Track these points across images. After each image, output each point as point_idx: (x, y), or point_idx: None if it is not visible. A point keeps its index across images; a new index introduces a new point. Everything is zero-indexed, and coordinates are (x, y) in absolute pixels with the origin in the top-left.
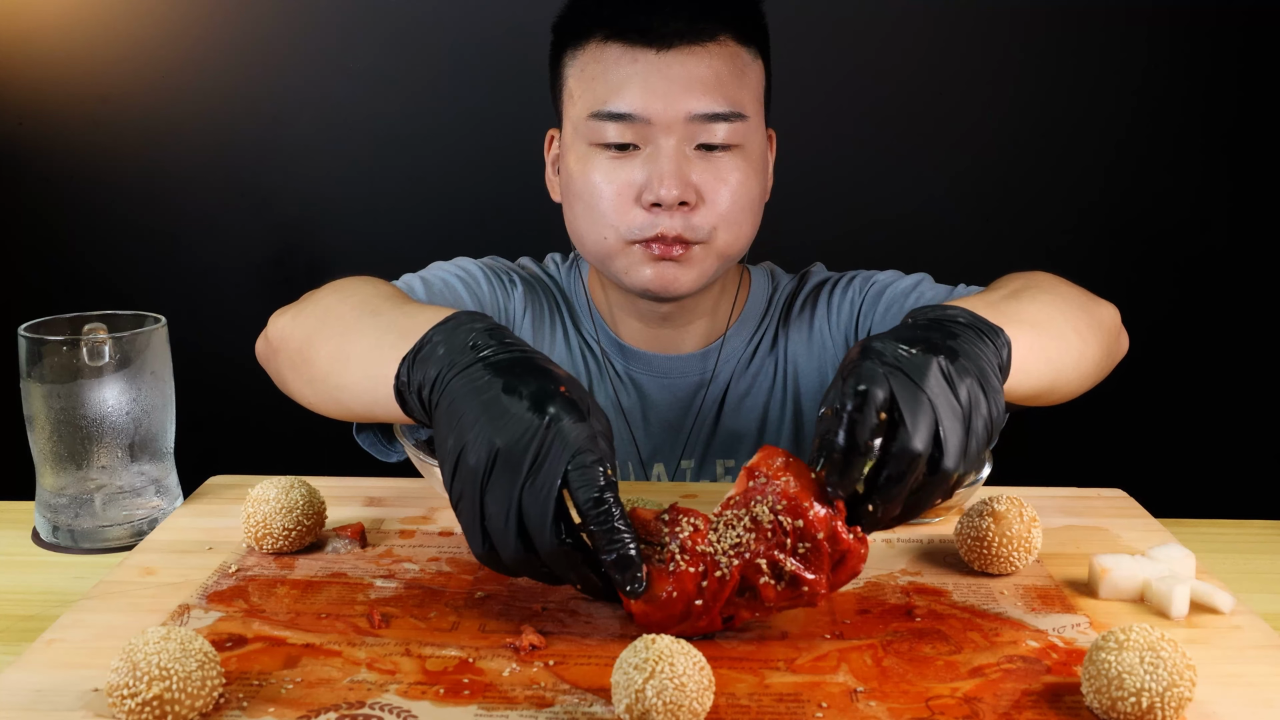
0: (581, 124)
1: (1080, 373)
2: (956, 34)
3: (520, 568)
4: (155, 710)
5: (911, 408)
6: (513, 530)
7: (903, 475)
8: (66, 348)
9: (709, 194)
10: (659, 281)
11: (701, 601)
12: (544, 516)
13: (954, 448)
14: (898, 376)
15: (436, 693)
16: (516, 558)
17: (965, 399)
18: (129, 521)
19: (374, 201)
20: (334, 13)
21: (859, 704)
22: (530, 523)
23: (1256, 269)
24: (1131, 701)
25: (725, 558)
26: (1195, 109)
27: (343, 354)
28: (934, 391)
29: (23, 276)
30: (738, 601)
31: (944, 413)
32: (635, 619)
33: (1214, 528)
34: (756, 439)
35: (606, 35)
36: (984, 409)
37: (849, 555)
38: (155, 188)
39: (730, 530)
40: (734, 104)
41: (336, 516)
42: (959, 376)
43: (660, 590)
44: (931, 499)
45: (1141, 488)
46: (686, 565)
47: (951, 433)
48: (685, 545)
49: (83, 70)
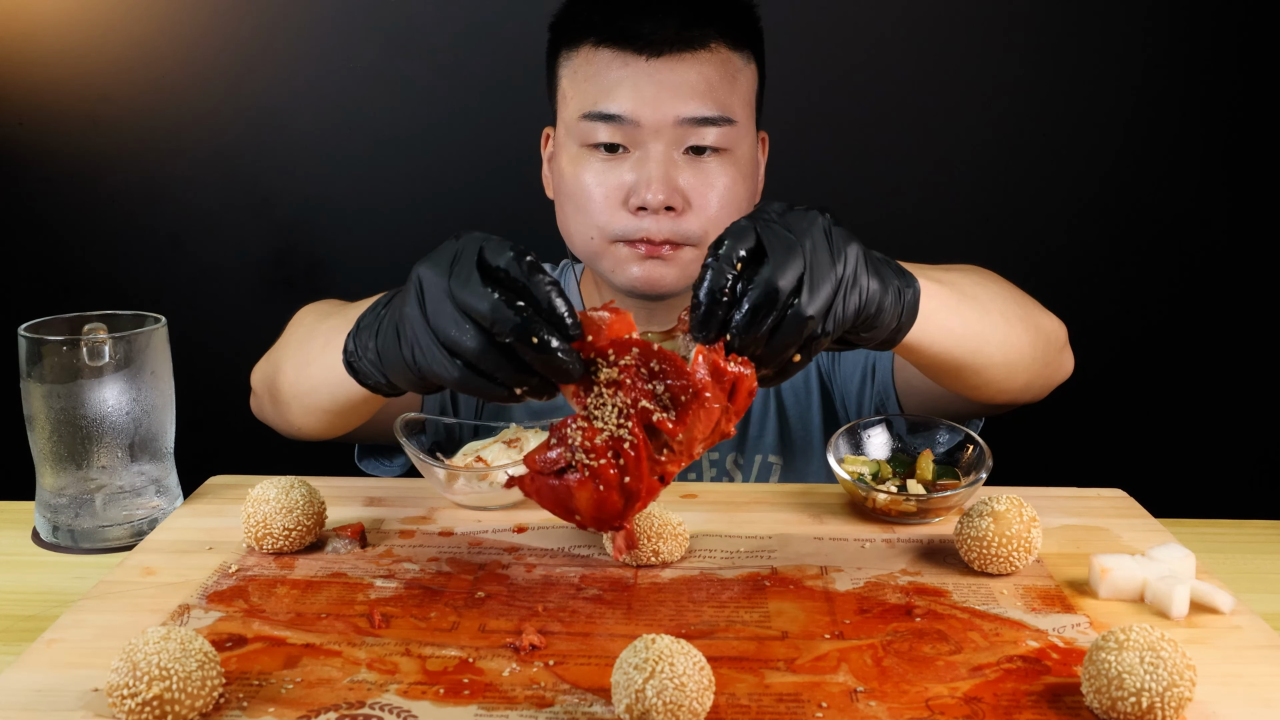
0: (573, 125)
1: (1006, 359)
2: (955, 33)
3: (484, 360)
4: (155, 710)
5: (777, 246)
6: (467, 327)
7: (759, 308)
8: (66, 348)
9: (696, 199)
10: (645, 280)
11: (629, 478)
12: (476, 292)
13: (819, 294)
14: (771, 227)
15: (436, 693)
16: (477, 349)
17: (845, 260)
18: (129, 521)
19: (374, 201)
20: (334, 13)
21: (859, 704)
22: (469, 307)
23: (1256, 268)
24: (1131, 701)
25: (618, 428)
26: (1195, 108)
27: (304, 364)
28: (808, 239)
29: (23, 276)
30: (659, 459)
31: (816, 260)
32: (615, 543)
33: (1214, 528)
34: (743, 430)
35: (598, 40)
36: (867, 284)
37: (739, 380)
38: (155, 188)
39: (605, 408)
40: (723, 109)
41: (336, 516)
42: (842, 238)
43: (590, 498)
44: (788, 344)
45: (1141, 488)
46: (596, 460)
47: (820, 278)
48: (585, 446)
49: (83, 70)
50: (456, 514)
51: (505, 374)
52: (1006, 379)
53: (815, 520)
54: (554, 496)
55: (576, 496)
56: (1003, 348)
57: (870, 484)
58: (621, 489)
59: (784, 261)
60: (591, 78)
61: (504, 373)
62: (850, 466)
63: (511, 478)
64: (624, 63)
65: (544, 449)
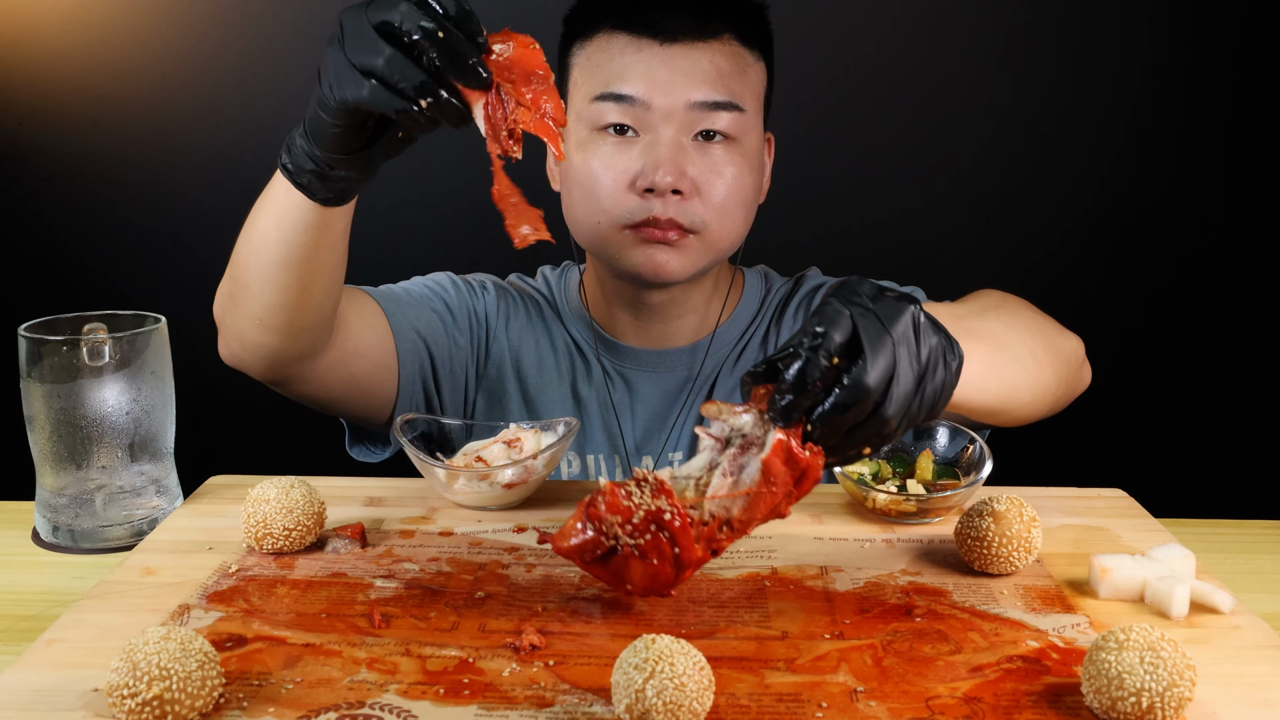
0: (585, 109)
1: (1035, 398)
2: (955, 34)
3: (392, 69)
4: (155, 710)
5: (874, 345)
6: (381, 44)
7: (848, 407)
8: (66, 348)
9: (704, 185)
10: (649, 266)
11: (680, 549)
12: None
13: (900, 395)
14: (868, 316)
15: (436, 693)
16: (386, 59)
17: (926, 357)
18: (129, 521)
19: (373, 201)
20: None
21: (859, 704)
22: (382, 20)
23: (1256, 269)
24: (1131, 701)
25: (653, 499)
26: (1195, 108)
27: (250, 225)
28: (900, 336)
29: (23, 276)
30: (718, 536)
31: (903, 360)
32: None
33: (1214, 528)
34: None
35: (614, 25)
36: (939, 375)
37: (810, 469)
38: (155, 188)
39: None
40: (734, 95)
41: (336, 516)
42: (927, 334)
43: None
44: (862, 442)
45: (1141, 488)
46: (640, 538)
47: (904, 380)
48: (626, 530)
49: (83, 70)
50: (456, 514)
51: (412, 82)
52: (1032, 413)
53: (815, 520)
54: (602, 573)
55: (629, 573)
56: (1032, 388)
57: (870, 484)
58: (674, 561)
59: (877, 363)
60: (604, 62)
61: (410, 81)
62: (850, 466)
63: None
64: (638, 47)
65: (574, 532)
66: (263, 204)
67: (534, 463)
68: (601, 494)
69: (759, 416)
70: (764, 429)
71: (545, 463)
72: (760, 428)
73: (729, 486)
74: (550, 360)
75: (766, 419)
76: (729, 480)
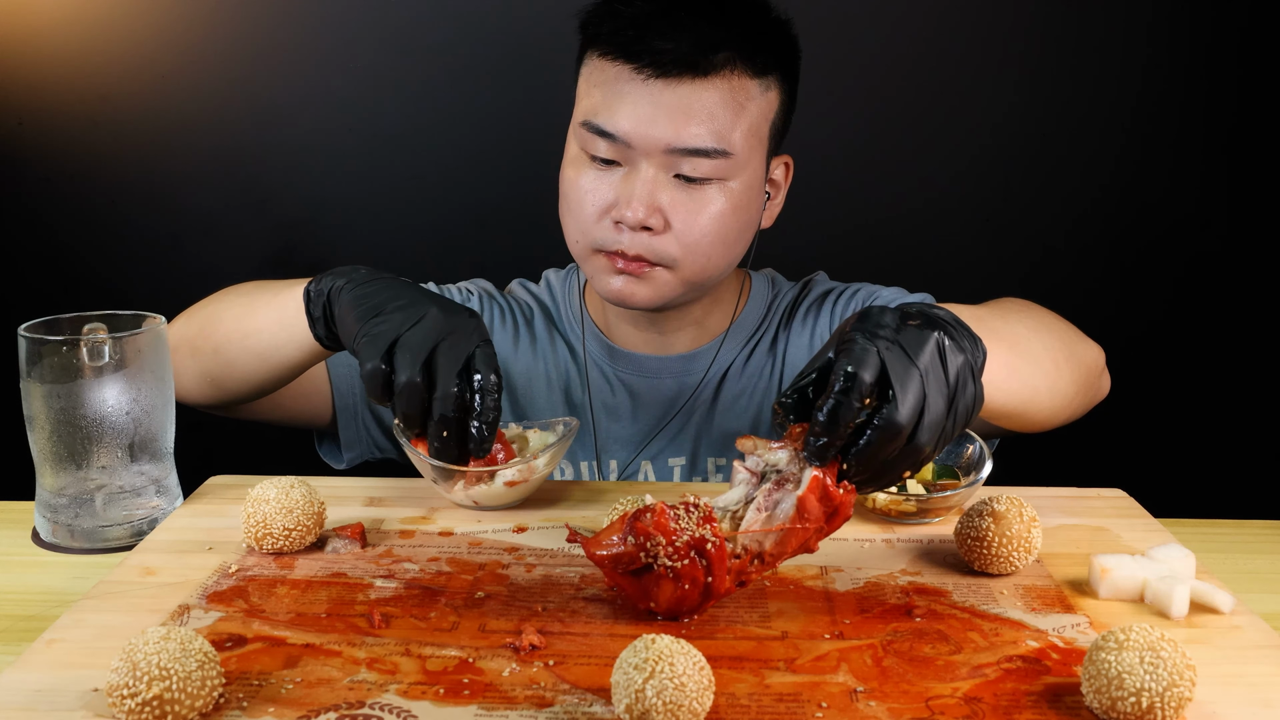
0: (578, 127)
1: (1054, 402)
2: (956, 35)
3: (408, 391)
4: (155, 710)
5: (903, 382)
6: (418, 376)
7: (882, 444)
8: (66, 348)
9: (678, 222)
10: (617, 294)
11: (713, 578)
12: (448, 374)
13: (931, 422)
14: (893, 350)
15: (436, 693)
16: (411, 383)
17: (954, 378)
18: (129, 521)
19: (374, 201)
20: (334, 13)
21: (859, 704)
22: (440, 368)
23: (1256, 269)
24: (1131, 701)
25: (699, 526)
26: (1195, 109)
27: (249, 308)
28: (926, 367)
29: (23, 276)
30: (748, 569)
31: (932, 388)
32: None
33: (1214, 528)
34: (745, 431)
35: (604, 52)
36: (969, 393)
37: (841, 508)
38: (155, 188)
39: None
40: (721, 141)
41: (336, 516)
42: (952, 355)
43: (672, 594)
44: (899, 470)
45: (1141, 488)
46: (679, 561)
47: (934, 408)
48: (668, 552)
49: (83, 70)
50: (456, 514)
51: (411, 418)
52: (1050, 418)
53: None
54: (630, 586)
55: (658, 592)
56: (1051, 393)
57: None
58: (704, 589)
59: (907, 399)
60: (599, 85)
61: (410, 417)
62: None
63: (574, 536)
64: (630, 78)
65: (613, 542)
66: (272, 301)
67: (535, 462)
68: (651, 510)
69: (794, 453)
70: (799, 465)
71: (546, 462)
72: (795, 464)
73: (763, 521)
74: (540, 370)
75: (801, 456)
76: (763, 515)
